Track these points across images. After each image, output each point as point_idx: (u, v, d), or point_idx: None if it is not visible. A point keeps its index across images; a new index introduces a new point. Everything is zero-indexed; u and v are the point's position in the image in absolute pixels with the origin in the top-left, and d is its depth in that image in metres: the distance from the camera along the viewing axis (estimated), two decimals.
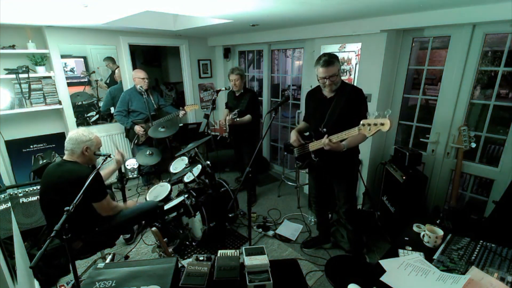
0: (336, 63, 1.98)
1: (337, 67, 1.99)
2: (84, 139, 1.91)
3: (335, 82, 2.03)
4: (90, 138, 1.94)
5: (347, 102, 2.03)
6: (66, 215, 1.30)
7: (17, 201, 2.46)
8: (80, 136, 1.90)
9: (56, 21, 2.96)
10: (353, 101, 2.04)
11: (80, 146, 1.90)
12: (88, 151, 1.94)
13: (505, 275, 1.17)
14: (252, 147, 3.31)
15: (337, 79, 2.03)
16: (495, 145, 2.74)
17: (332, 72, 1.97)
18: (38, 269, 2.19)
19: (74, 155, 1.90)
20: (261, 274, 1.22)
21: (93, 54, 3.61)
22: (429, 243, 1.44)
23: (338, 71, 2.01)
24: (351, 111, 2.01)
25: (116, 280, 1.14)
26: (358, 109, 2.03)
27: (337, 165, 2.19)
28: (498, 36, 2.40)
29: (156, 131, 3.26)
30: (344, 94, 2.06)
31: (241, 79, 3.19)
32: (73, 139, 1.89)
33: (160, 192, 2.66)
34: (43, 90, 3.25)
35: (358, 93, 2.09)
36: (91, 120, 3.74)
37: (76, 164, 1.90)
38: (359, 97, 2.07)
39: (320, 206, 2.56)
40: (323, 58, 1.98)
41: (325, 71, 1.97)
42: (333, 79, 2.00)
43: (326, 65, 1.96)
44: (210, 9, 2.34)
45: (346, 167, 2.22)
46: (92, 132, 2.00)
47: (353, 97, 2.05)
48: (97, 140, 2.02)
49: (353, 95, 2.06)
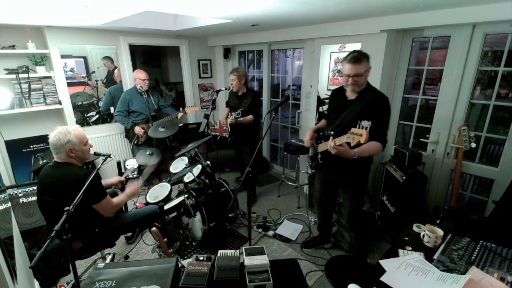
0: (364, 62, 1.83)
1: (364, 66, 1.83)
2: (63, 142, 1.75)
3: (359, 83, 1.87)
4: (69, 138, 1.76)
5: (365, 108, 1.87)
6: (66, 215, 1.29)
7: (17, 201, 2.46)
8: (57, 141, 1.75)
9: (56, 21, 2.96)
10: (372, 107, 1.86)
11: (63, 149, 1.77)
12: (73, 151, 1.80)
13: (505, 275, 1.17)
14: (252, 147, 3.32)
15: (362, 80, 1.87)
16: (495, 145, 2.74)
17: (357, 71, 1.82)
18: (38, 269, 2.19)
19: (62, 158, 1.81)
20: (261, 274, 1.22)
21: (93, 54, 3.61)
22: (429, 243, 1.44)
23: (364, 72, 1.84)
24: (367, 118, 1.85)
25: (116, 280, 1.14)
26: (377, 118, 1.85)
27: (344, 171, 2.07)
28: (498, 36, 2.40)
29: (156, 131, 3.26)
30: (366, 98, 1.89)
31: (239, 80, 3.20)
32: (53, 144, 1.76)
33: (160, 192, 2.65)
34: (43, 90, 3.25)
35: (381, 100, 1.89)
36: (91, 120, 3.74)
37: (70, 166, 1.82)
38: (381, 105, 1.88)
39: (323, 209, 2.52)
40: (352, 54, 1.83)
41: (351, 68, 1.82)
42: (357, 79, 1.84)
43: (353, 62, 1.81)
44: (210, 9, 2.34)
45: (353, 176, 2.09)
46: (70, 130, 1.80)
47: (374, 104, 1.87)
48: (78, 137, 1.81)
49: (375, 101, 1.88)
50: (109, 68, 3.79)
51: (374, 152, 1.87)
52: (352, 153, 1.77)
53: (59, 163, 1.83)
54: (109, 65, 3.78)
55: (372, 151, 1.85)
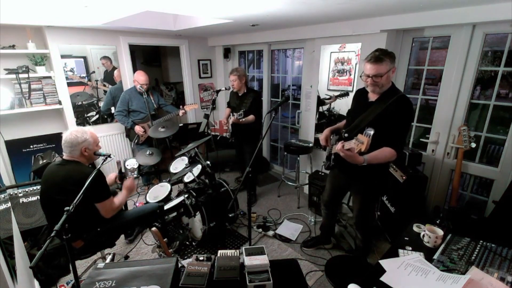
0: (386, 61, 1.70)
1: (386, 67, 1.70)
2: (80, 140, 1.85)
3: (379, 84, 1.75)
4: (85, 138, 1.88)
5: (384, 111, 1.75)
6: (66, 215, 1.30)
7: (17, 201, 2.46)
8: (75, 138, 1.84)
9: (56, 21, 2.96)
10: (394, 110, 1.73)
11: (78, 148, 1.86)
12: (87, 151, 1.90)
13: (505, 275, 1.17)
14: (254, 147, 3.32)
15: (382, 81, 1.73)
16: (495, 145, 2.74)
17: (377, 71, 1.70)
18: (38, 269, 2.19)
19: (74, 156, 1.89)
20: (261, 274, 1.22)
21: (93, 54, 3.61)
22: (429, 243, 1.44)
23: (386, 72, 1.71)
24: (387, 121, 1.73)
25: (116, 280, 1.14)
26: (395, 123, 1.72)
27: (357, 176, 1.96)
28: (498, 36, 2.40)
29: (156, 131, 3.26)
30: (386, 101, 1.76)
31: (239, 80, 3.20)
32: (69, 142, 1.84)
33: (160, 192, 2.66)
34: (43, 90, 3.25)
35: (404, 104, 1.74)
36: (91, 120, 3.74)
37: (78, 164, 1.88)
38: (403, 109, 1.74)
39: (330, 209, 2.47)
40: (374, 52, 1.72)
41: (371, 68, 1.72)
42: (376, 79, 1.73)
43: (374, 61, 1.70)
44: (210, 9, 2.34)
45: (366, 181, 1.96)
46: (86, 130, 1.92)
47: (394, 107, 1.74)
48: (93, 137, 1.95)
49: (395, 104, 1.74)
50: (108, 68, 3.79)
51: (386, 159, 1.74)
52: (361, 160, 1.65)
53: (67, 161, 1.88)
54: (108, 65, 3.77)
55: (384, 158, 1.72)
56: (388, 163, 1.96)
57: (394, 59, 1.75)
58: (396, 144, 1.74)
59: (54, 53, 3.28)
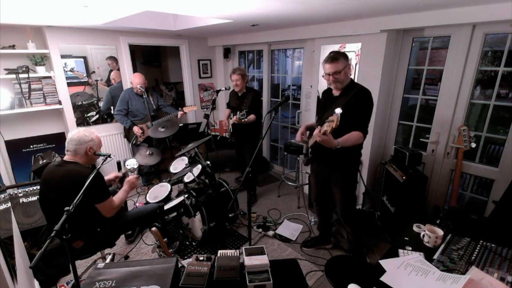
0: (341, 60, 1.98)
1: (342, 64, 1.98)
2: (86, 140, 1.90)
3: (339, 80, 2.01)
4: (92, 138, 1.93)
5: (349, 102, 1.99)
6: (66, 215, 1.29)
7: (17, 201, 2.46)
8: (83, 137, 1.89)
9: (56, 21, 2.96)
10: (355, 101, 1.99)
11: (83, 147, 1.89)
12: (90, 151, 1.93)
13: (505, 275, 1.17)
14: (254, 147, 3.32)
15: (341, 77, 2.01)
16: (495, 145, 2.74)
17: (335, 69, 1.97)
18: (38, 269, 2.19)
19: (77, 156, 1.89)
20: (261, 274, 1.22)
21: (93, 54, 3.61)
22: (429, 243, 1.44)
23: (343, 69, 1.99)
24: (352, 110, 1.96)
25: (116, 280, 1.14)
26: (357, 110, 1.98)
27: (333, 165, 2.18)
28: (498, 36, 2.40)
29: (156, 131, 3.26)
30: (349, 93, 2.03)
31: (242, 79, 3.20)
32: (75, 140, 1.87)
33: (160, 192, 2.65)
34: (43, 90, 3.26)
35: (362, 94, 2.03)
36: (91, 120, 3.74)
37: (78, 164, 1.89)
38: (363, 98, 2.02)
39: (320, 206, 2.55)
40: (329, 54, 2.01)
41: (329, 67, 1.99)
42: (336, 76, 2.00)
43: (331, 61, 1.98)
44: (210, 9, 2.34)
45: (342, 169, 2.18)
46: (92, 131, 1.98)
47: (355, 98, 2.00)
48: (98, 140, 2.00)
49: (356, 95, 2.01)
50: (114, 69, 3.79)
51: (356, 141, 1.97)
52: (335, 143, 1.87)
53: (66, 161, 1.88)
54: (113, 66, 3.78)
55: (354, 140, 1.96)
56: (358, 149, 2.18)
57: (347, 58, 2.03)
58: (361, 127, 1.99)
59: (54, 53, 3.28)
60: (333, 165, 2.19)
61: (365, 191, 3.04)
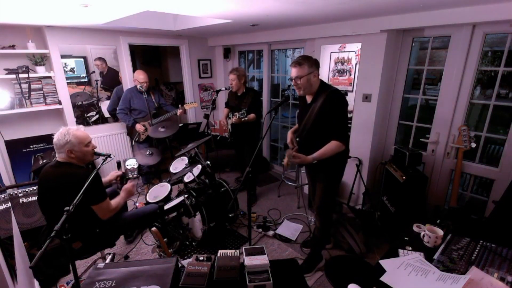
0: (304, 65, 1.88)
1: (305, 69, 1.87)
2: (62, 143, 1.77)
3: (299, 85, 1.93)
4: (67, 140, 1.77)
5: (321, 108, 1.91)
6: (66, 215, 1.29)
7: (17, 201, 2.46)
8: (57, 141, 1.78)
9: (56, 21, 2.96)
10: (327, 106, 1.89)
11: (62, 150, 1.79)
12: (73, 152, 1.80)
13: (505, 275, 1.17)
14: (254, 147, 3.32)
15: (303, 83, 1.91)
16: (495, 145, 2.75)
17: (297, 74, 1.89)
18: (38, 269, 2.19)
19: (65, 158, 1.83)
20: (261, 274, 1.22)
21: (93, 54, 3.61)
22: (429, 243, 1.44)
23: (306, 75, 1.89)
24: (325, 117, 1.90)
25: (116, 280, 1.14)
26: (331, 118, 1.89)
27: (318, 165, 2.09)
28: (498, 36, 2.40)
29: (156, 131, 3.26)
30: (321, 98, 1.93)
31: (238, 80, 3.20)
32: (55, 144, 1.80)
33: (160, 192, 2.66)
34: (43, 90, 3.25)
35: (334, 99, 1.91)
36: (91, 120, 3.74)
37: (71, 166, 1.83)
38: (335, 105, 1.90)
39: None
40: (297, 57, 1.94)
41: (293, 71, 1.92)
42: (298, 81, 1.91)
43: (294, 65, 1.91)
44: (210, 9, 2.34)
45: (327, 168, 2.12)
46: (70, 131, 1.80)
47: (327, 104, 1.89)
48: (77, 138, 1.80)
49: (327, 101, 1.90)
50: (103, 71, 3.74)
51: (334, 152, 1.91)
52: (310, 160, 1.86)
53: (60, 162, 1.84)
54: (102, 67, 3.72)
55: (331, 151, 1.90)
56: (344, 152, 2.06)
57: (314, 64, 1.91)
58: (339, 135, 1.91)
59: (54, 53, 3.28)
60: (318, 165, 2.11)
61: (365, 191, 3.04)
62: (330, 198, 2.25)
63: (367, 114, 2.95)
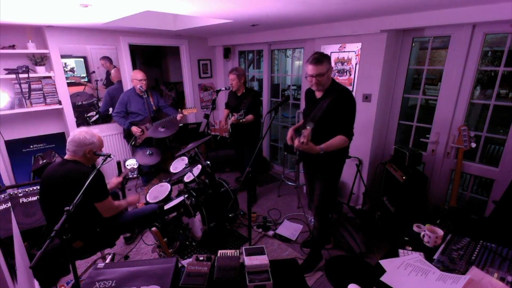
0: (325, 62, 1.94)
1: (325, 66, 1.94)
2: (87, 142, 1.87)
3: (322, 82, 1.98)
4: (92, 141, 1.90)
5: (332, 104, 1.97)
6: (66, 215, 1.29)
7: (17, 201, 2.46)
8: (83, 140, 1.86)
9: (56, 21, 2.96)
10: (338, 103, 1.96)
11: (82, 149, 1.87)
12: (90, 153, 1.91)
13: (505, 275, 1.17)
14: (253, 147, 3.32)
15: (324, 80, 1.97)
16: (495, 145, 2.74)
17: (319, 71, 1.93)
18: (38, 269, 2.18)
19: (76, 156, 1.89)
20: (261, 274, 1.22)
21: (93, 54, 3.61)
22: (429, 243, 1.44)
23: (326, 71, 1.95)
24: (335, 113, 1.95)
25: (116, 280, 1.14)
26: (341, 114, 1.96)
27: (318, 164, 2.16)
28: (498, 36, 2.40)
29: (156, 131, 3.26)
30: (332, 95, 2.00)
31: (238, 80, 3.20)
32: (76, 141, 1.86)
33: (160, 192, 2.65)
34: (43, 90, 3.25)
35: (345, 96, 1.99)
36: (91, 120, 3.74)
37: (78, 163, 1.89)
38: (345, 101, 1.98)
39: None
40: (314, 55, 1.96)
41: (313, 69, 1.94)
42: (319, 78, 1.95)
43: (315, 63, 1.92)
44: (210, 9, 2.34)
45: (327, 168, 2.16)
46: (95, 133, 1.95)
47: (338, 101, 1.97)
48: (99, 142, 1.96)
49: (338, 98, 1.97)
50: (109, 69, 3.78)
51: (340, 145, 1.96)
52: (318, 149, 1.88)
53: (67, 160, 1.88)
54: (107, 66, 3.76)
55: (338, 144, 1.94)
56: (344, 152, 2.15)
57: (330, 61, 2.01)
58: (345, 131, 1.97)
59: (54, 53, 3.28)
60: (318, 164, 2.17)
61: (365, 191, 3.04)
62: (329, 197, 2.25)
63: (367, 114, 2.95)
